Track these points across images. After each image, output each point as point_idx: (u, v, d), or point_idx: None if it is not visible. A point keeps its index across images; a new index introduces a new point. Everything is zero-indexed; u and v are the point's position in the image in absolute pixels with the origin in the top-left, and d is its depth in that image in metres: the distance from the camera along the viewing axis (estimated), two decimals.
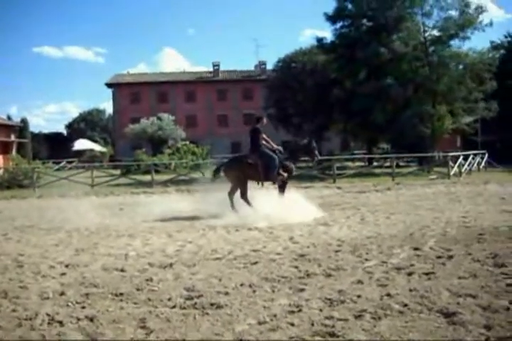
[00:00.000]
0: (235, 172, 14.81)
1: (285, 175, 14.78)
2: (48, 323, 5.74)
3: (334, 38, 43.48)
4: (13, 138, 57.15)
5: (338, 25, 42.82)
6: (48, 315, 5.98)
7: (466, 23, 38.18)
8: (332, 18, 42.56)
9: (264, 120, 15.42)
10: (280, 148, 15.22)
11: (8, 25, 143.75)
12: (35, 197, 24.78)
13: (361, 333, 5.12)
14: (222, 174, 15.34)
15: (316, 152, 15.78)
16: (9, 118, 68.72)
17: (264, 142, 14.84)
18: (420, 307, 5.81)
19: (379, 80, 38.59)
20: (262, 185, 15.10)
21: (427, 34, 39.93)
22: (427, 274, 7.30)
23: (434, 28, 40.03)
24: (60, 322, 5.73)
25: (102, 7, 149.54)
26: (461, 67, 40.07)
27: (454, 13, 39.26)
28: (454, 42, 39.97)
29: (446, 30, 38.92)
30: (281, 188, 15.09)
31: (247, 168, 14.65)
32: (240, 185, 14.81)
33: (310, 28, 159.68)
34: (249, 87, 71.78)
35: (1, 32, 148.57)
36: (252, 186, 14.95)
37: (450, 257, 8.40)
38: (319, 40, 45.46)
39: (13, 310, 6.24)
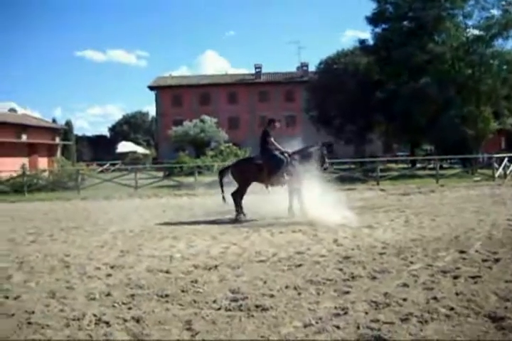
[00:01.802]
0: (241, 173, 14.88)
1: (287, 178, 14.68)
2: (95, 323, 5.81)
3: (375, 40, 43.30)
4: (57, 140, 57.93)
5: (380, 27, 42.68)
6: (94, 315, 6.05)
7: (510, 22, 37.58)
8: (373, 21, 42.41)
9: (277, 124, 15.24)
10: (289, 151, 15.07)
11: (52, 29, 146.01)
12: (80, 199, 25.06)
13: (408, 337, 5.08)
14: (229, 175, 15.34)
15: (327, 159, 15.63)
16: (54, 121, 69.61)
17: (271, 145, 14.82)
18: (467, 312, 5.74)
19: (420, 81, 38.28)
20: (266, 187, 15.11)
21: (468, 34, 39.47)
22: (473, 278, 7.21)
23: (476, 27, 39.54)
24: (107, 323, 5.80)
25: (143, 11, 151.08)
26: (504, 66, 39.52)
27: (496, 12, 38.73)
28: (497, 42, 39.44)
29: (488, 29, 38.37)
30: (291, 193, 14.93)
31: (254, 169, 14.70)
32: (241, 185, 14.90)
33: (351, 29, 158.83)
34: (291, 89, 71.67)
35: (46, 36, 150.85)
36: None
37: (496, 260, 8.29)
38: (361, 41, 45.42)
39: (61, 310, 6.32)
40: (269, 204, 14.91)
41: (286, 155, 14.82)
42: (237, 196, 14.88)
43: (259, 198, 15.29)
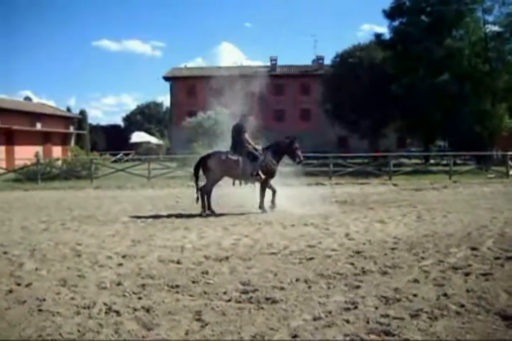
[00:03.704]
0: (215, 166, 14.42)
1: (263, 176, 14.51)
2: (105, 312, 5.84)
3: (392, 34, 43.11)
4: (71, 129, 58.20)
5: (397, 21, 42.49)
6: (105, 304, 6.08)
7: None
8: (390, 15, 42.22)
9: (250, 118, 15.16)
10: (259, 147, 14.90)
11: (69, 18, 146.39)
12: (93, 188, 25.15)
13: (417, 333, 5.06)
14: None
15: (299, 152, 15.29)
16: (69, 110, 69.82)
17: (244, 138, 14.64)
18: (477, 309, 5.72)
19: (436, 77, 38.09)
20: (240, 183, 14.98)
21: (487, 30, 39.25)
22: (484, 275, 7.19)
23: (495, 23, 39.32)
24: (117, 312, 5.83)
25: (160, 1, 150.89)
26: None
27: None
28: None
29: (508, 26, 38.16)
30: (262, 189, 14.80)
31: (228, 163, 14.37)
32: (211, 179, 14.57)
33: (368, 23, 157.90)
34: (306, 82, 71.30)
35: (62, 26, 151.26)
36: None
37: (508, 258, 8.25)
38: (378, 35, 45.27)
39: (72, 298, 6.36)
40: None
41: (259, 152, 14.66)
42: (206, 191, 14.58)
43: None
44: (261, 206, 14.56)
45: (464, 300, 6.01)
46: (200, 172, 14.91)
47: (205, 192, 14.59)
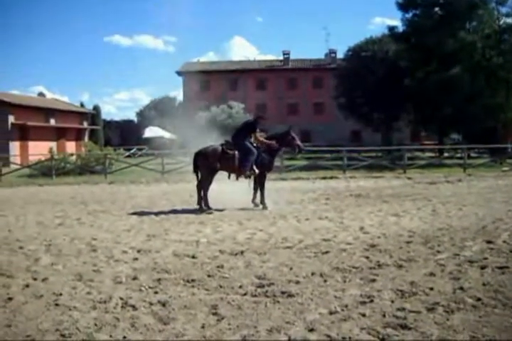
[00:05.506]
0: (209, 161, 14.15)
1: (256, 171, 14.25)
2: (122, 307, 5.86)
3: (405, 27, 42.96)
4: (85, 125, 58.43)
5: (410, 13, 42.34)
6: (121, 298, 6.11)
7: None
8: (404, 7, 42.06)
9: (263, 121, 15.12)
10: (273, 142, 14.61)
11: (80, 15, 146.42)
12: (107, 183, 25.23)
13: (433, 326, 5.04)
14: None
15: (298, 142, 15.00)
16: (82, 105, 69.94)
17: (253, 139, 14.41)
18: (494, 302, 5.69)
19: (450, 70, 37.94)
20: (237, 178, 14.71)
21: (500, 22, 39.02)
22: (500, 268, 7.15)
23: (509, 15, 39.08)
24: (133, 306, 5.85)
25: None
26: None
27: None
28: None
29: None
30: (258, 185, 14.63)
31: (222, 157, 14.13)
32: (207, 175, 14.30)
33: (380, 16, 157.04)
34: (319, 76, 71.10)
35: (74, 22, 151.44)
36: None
37: None
38: (391, 28, 45.09)
39: (88, 293, 6.39)
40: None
41: (273, 145, 14.55)
42: (202, 187, 14.32)
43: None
44: (262, 201, 14.42)
45: (480, 293, 5.99)
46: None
47: (201, 188, 14.37)
